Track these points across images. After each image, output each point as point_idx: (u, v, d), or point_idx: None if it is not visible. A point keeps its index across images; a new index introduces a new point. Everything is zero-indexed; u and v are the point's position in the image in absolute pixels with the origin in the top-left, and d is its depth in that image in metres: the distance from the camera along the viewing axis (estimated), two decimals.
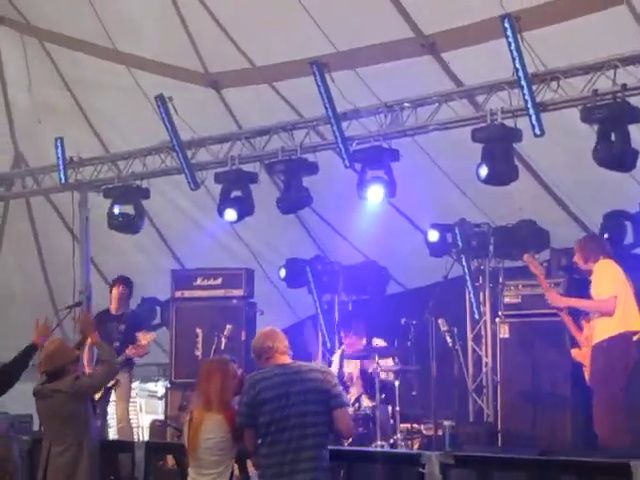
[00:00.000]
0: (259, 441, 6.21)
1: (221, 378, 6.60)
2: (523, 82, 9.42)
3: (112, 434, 11.62)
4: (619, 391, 8.30)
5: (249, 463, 6.70)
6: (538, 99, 9.57)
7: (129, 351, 10.98)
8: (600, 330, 8.50)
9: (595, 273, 8.72)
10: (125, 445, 9.12)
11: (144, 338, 11.21)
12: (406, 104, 10.80)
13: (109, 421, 11.66)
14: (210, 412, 6.55)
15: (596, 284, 8.63)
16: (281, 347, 6.34)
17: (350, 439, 6.59)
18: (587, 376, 8.84)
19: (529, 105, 9.48)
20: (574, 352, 8.97)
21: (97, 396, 11.08)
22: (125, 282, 11.93)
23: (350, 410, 6.42)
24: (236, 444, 6.50)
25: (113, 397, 11.36)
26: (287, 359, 6.35)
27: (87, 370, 11.40)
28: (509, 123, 10.03)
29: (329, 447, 6.28)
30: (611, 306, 8.43)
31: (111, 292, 11.89)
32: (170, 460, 8.81)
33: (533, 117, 9.48)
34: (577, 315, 9.16)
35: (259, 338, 6.47)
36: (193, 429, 6.58)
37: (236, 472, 6.61)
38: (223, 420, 6.49)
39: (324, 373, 6.28)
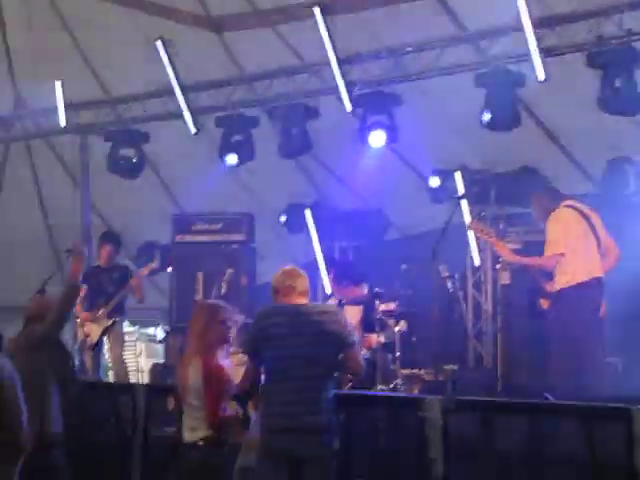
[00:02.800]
0: (263, 376, 6.22)
1: (204, 321, 6.58)
2: (527, 27, 9.34)
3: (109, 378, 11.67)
4: (576, 340, 8.20)
5: (250, 405, 6.69)
6: (542, 44, 9.49)
7: (132, 282, 11.11)
8: (557, 281, 8.40)
9: (547, 226, 8.58)
10: (125, 387, 9.16)
11: (145, 268, 11.34)
12: (409, 49, 10.72)
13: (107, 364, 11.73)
14: (196, 355, 6.54)
15: (547, 239, 8.47)
16: (300, 287, 6.27)
17: (358, 377, 6.56)
18: None
19: (533, 50, 9.41)
20: (542, 301, 8.85)
21: (92, 340, 11.19)
22: (111, 241, 11.87)
23: (359, 349, 6.38)
24: (211, 389, 6.45)
25: (107, 342, 11.42)
26: (304, 300, 6.30)
27: (82, 316, 11.42)
28: (512, 68, 9.97)
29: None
30: (553, 263, 8.29)
31: (99, 250, 11.85)
32: (171, 402, 8.84)
33: (537, 62, 9.41)
34: None
35: (280, 275, 6.38)
36: (182, 371, 6.60)
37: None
38: (200, 364, 6.48)
39: (336, 314, 6.26)
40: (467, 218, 11.60)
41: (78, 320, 11.46)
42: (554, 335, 8.39)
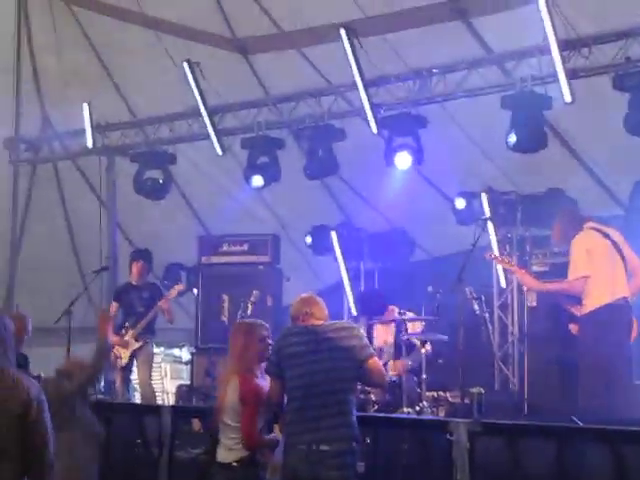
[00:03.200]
0: (286, 398, 6.21)
1: (244, 340, 6.58)
2: (553, 48, 9.33)
3: (137, 399, 11.70)
4: (606, 364, 8.13)
5: (276, 428, 6.68)
6: (569, 66, 9.48)
7: (161, 304, 11.17)
8: (583, 305, 8.35)
9: (570, 250, 8.53)
10: (151, 409, 9.17)
11: (173, 291, 11.38)
12: (435, 70, 10.74)
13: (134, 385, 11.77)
14: (234, 374, 6.54)
15: (570, 262, 8.42)
16: (317, 313, 6.33)
17: (383, 388, 6.55)
18: None
19: (559, 72, 9.39)
20: (571, 326, 8.79)
21: (122, 362, 11.24)
22: (143, 258, 11.94)
23: (379, 361, 6.36)
24: (248, 409, 6.44)
25: (136, 363, 11.46)
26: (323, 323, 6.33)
27: (112, 338, 11.45)
28: (539, 90, 9.95)
29: (356, 414, 6.26)
30: (579, 287, 8.21)
31: (130, 267, 11.92)
32: (197, 424, 8.85)
33: (563, 84, 9.39)
34: None
35: (298, 302, 6.45)
36: (221, 390, 6.60)
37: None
38: (238, 383, 6.48)
39: (351, 329, 6.25)
40: (493, 240, 11.57)
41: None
42: (583, 358, 8.34)
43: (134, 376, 11.64)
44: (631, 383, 8.39)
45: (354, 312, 13.01)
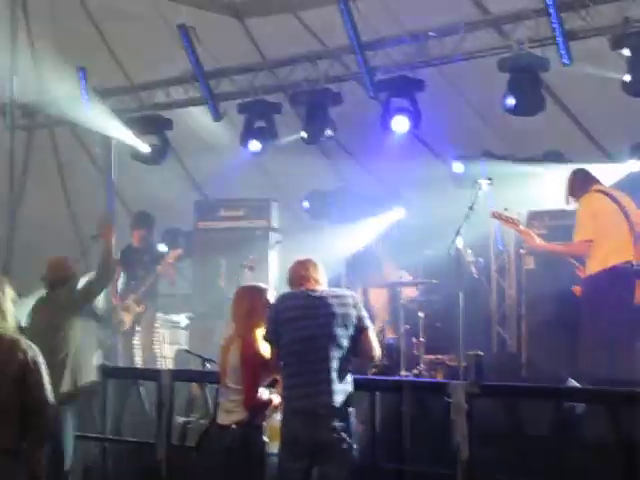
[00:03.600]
0: (282, 362, 6.22)
1: (248, 304, 6.58)
2: (551, 10, 9.27)
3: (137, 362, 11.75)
4: (607, 327, 8.15)
5: (273, 391, 6.68)
6: (566, 27, 9.42)
7: (159, 269, 11.20)
8: (587, 267, 8.36)
9: (577, 212, 8.52)
10: (151, 373, 9.22)
11: (170, 256, 11.41)
12: (432, 33, 10.67)
13: (135, 350, 11.81)
14: (238, 338, 6.55)
15: (576, 225, 8.42)
16: (315, 276, 6.32)
17: (374, 361, 6.58)
18: None
19: (557, 34, 9.34)
20: (575, 288, 8.80)
21: (125, 327, 11.30)
22: (144, 224, 11.95)
23: (374, 333, 6.36)
24: (249, 371, 6.46)
25: (138, 327, 11.53)
26: (320, 288, 6.32)
27: (114, 301, 11.54)
28: (536, 52, 9.90)
29: (354, 376, 6.28)
30: (583, 250, 8.24)
31: (132, 231, 11.95)
32: (195, 387, 8.88)
33: (561, 46, 9.35)
34: None
35: (295, 266, 6.44)
36: (222, 354, 6.61)
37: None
38: (240, 346, 6.49)
39: (350, 297, 6.24)
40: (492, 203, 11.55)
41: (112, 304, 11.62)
42: (584, 320, 8.36)
43: (136, 340, 11.72)
44: (634, 346, 8.39)
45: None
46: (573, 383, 6.85)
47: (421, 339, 10.21)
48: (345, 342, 6.09)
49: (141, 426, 8.63)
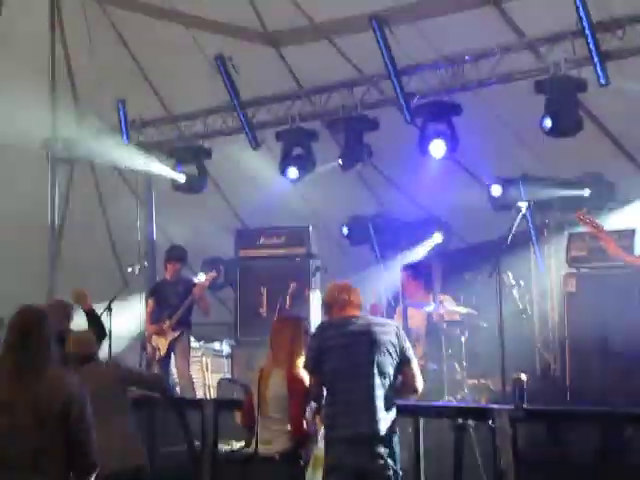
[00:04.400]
0: (325, 390, 6.20)
1: (291, 334, 6.60)
2: (587, 31, 9.26)
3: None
4: None
5: (317, 419, 6.68)
6: (603, 48, 9.39)
7: (195, 291, 11.23)
8: None
9: None
10: (194, 402, 9.24)
11: (206, 278, 11.46)
12: (467, 57, 10.68)
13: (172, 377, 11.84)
14: (278, 367, 6.55)
15: None
16: (355, 301, 6.30)
17: (417, 394, 6.53)
18: None
19: (593, 54, 9.32)
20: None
21: (162, 353, 11.33)
22: (177, 257, 11.98)
23: (417, 365, 6.31)
24: (296, 401, 6.45)
25: (173, 355, 11.55)
26: (359, 313, 6.30)
27: (149, 328, 11.57)
28: (573, 73, 9.88)
29: (398, 402, 6.25)
30: None
31: (166, 265, 12.01)
32: (239, 417, 8.89)
33: (598, 66, 9.32)
34: None
35: (333, 290, 6.41)
36: (261, 384, 6.60)
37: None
38: (283, 375, 6.48)
39: (394, 327, 6.21)
40: (531, 226, 11.51)
41: (146, 333, 11.64)
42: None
43: (173, 367, 11.74)
44: None
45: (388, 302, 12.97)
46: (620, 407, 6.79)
47: (464, 363, 10.15)
48: (389, 370, 6.06)
49: (182, 455, 8.63)
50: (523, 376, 6.57)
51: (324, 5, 11.69)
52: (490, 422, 6.50)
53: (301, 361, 6.44)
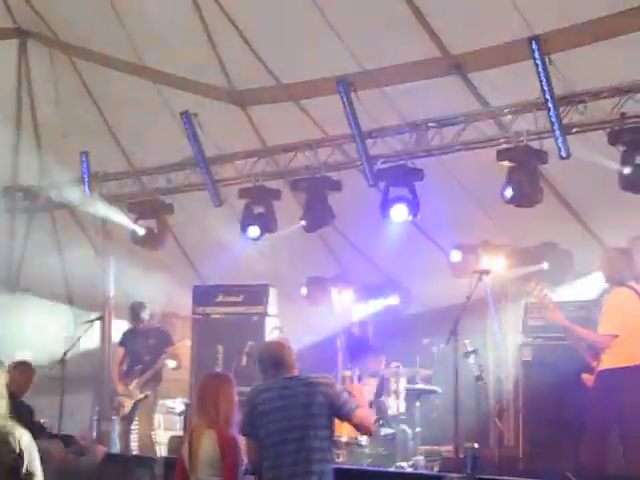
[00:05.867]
0: (261, 456, 6.12)
1: (224, 392, 6.51)
2: (550, 104, 9.39)
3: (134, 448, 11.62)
4: (607, 424, 8.06)
5: None
6: (565, 121, 9.53)
7: (169, 351, 11.13)
8: (603, 359, 8.29)
9: (605, 302, 8.46)
10: (144, 460, 9.12)
11: (179, 347, 11.38)
12: (432, 124, 10.79)
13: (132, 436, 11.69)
14: (209, 428, 6.45)
15: (602, 315, 8.37)
16: (289, 361, 6.26)
17: (371, 434, 6.42)
18: None
19: (555, 127, 9.44)
20: (585, 377, 8.73)
21: (125, 411, 11.19)
22: (141, 310, 11.87)
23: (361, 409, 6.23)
24: (230, 462, 6.37)
25: (137, 414, 11.41)
26: (294, 372, 6.26)
27: (118, 387, 11.41)
28: (535, 144, 10.00)
29: (349, 467, 6.20)
30: (605, 343, 8.16)
31: (132, 317, 11.91)
32: None
33: (559, 139, 9.44)
34: None
35: (267, 350, 6.41)
36: (193, 445, 6.49)
37: None
38: (215, 436, 6.40)
39: (326, 384, 6.13)
40: (490, 293, 11.56)
41: (114, 387, 11.52)
42: (591, 413, 8.27)
43: (134, 426, 11.60)
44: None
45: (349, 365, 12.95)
46: (571, 478, 6.77)
47: (417, 429, 10.12)
48: (325, 432, 6.01)
49: None
50: (475, 445, 6.54)
51: (291, 67, 11.78)
52: None
53: (232, 420, 6.36)
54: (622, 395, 8.04)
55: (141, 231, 13.21)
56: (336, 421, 6.16)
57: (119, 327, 12.93)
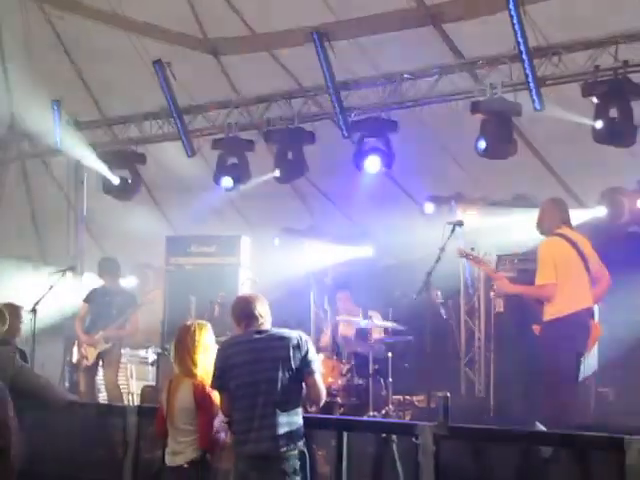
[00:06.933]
0: (234, 406, 6.17)
1: (192, 343, 6.53)
2: (524, 56, 9.39)
3: (102, 399, 11.60)
4: (563, 372, 8.15)
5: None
6: (539, 73, 9.54)
7: (132, 317, 11.08)
8: (545, 311, 8.35)
9: (538, 255, 8.50)
10: (117, 409, 9.12)
11: (151, 295, 11.33)
12: (406, 75, 10.76)
13: (99, 386, 11.67)
14: (186, 378, 6.48)
15: (538, 268, 8.42)
16: (262, 314, 6.26)
17: (319, 406, 6.46)
18: None
19: (529, 79, 9.45)
20: (535, 328, 8.78)
21: (89, 362, 11.14)
22: (113, 270, 11.75)
23: (321, 377, 6.27)
24: (205, 412, 6.42)
25: (102, 364, 11.36)
26: (266, 326, 6.27)
27: (82, 337, 11.35)
28: (509, 97, 10.01)
29: (321, 415, 6.24)
30: (548, 293, 8.19)
31: (101, 274, 11.79)
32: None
33: (533, 91, 9.46)
34: None
35: (239, 303, 6.39)
36: (170, 395, 6.52)
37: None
38: (192, 387, 6.44)
39: (296, 339, 6.12)
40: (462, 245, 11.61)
41: (77, 340, 11.43)
42: (542, 365, 8.36)
43: (99, 377, 11.56)
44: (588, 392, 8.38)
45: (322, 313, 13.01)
46: (540, 427, 6.86)
47: (389, 379, 10.19)
48: (291, 386, 6.02)
49: (109, 464, 8.51)
50: (447, 394, 6.60)
51: (266, 17, 11.71)
52: (413, 438, 6.51)
53: (207, 371, 6.39)
54: (559, 347, 8.12)
55: (116, 180, 13.08)
56: None
57: (90, 279, 12.85)
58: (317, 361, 6.20)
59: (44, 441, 7.92)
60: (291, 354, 6.03)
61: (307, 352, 6.10)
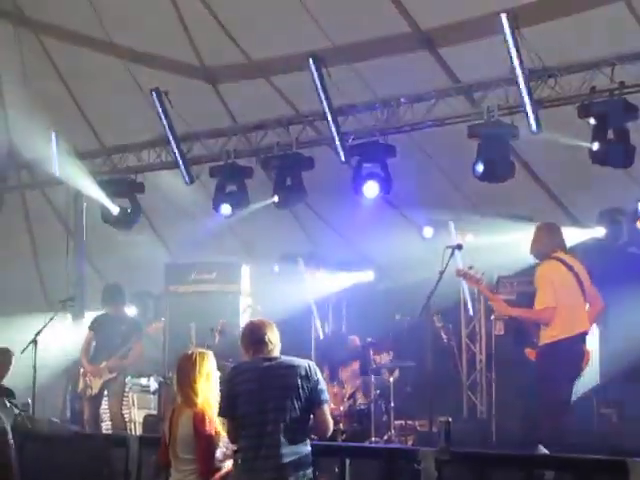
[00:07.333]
0: (241, 435, 6.13)
1: (193, 373, 6.51)
2: (520, 79, 9.40)
3: (105, 429, 11.57)
4: (560, 395, 8.14)
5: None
6: (535, 96, 9.55)
7: (136, 346, 11.04)
8: (542, 335, 8.34)
9: (536, 279, 8.50)
10: (119, 439, 9.10)
11: (153, 327, 11.30)
12: (403, 100, 10.78)
13: (102, 416, 11.63)
14: (188, 407, 6.46)
15: (537, 291, 8.42)
16: (272, 340, 6.23)
17: (326, 437, 6.42)
18: None
19: (526, 102, 9.46)
20: (528, 351, 8.78)
21: (93, 392, 11.12)
22: (118, 298, 11.70)
23: (328, 408, 6.23)
24: (204, 442, 6.40)
25: (107, 393, 11.33)
26: (276, 353, 6.24)
27: (87, 367, 11.31)
28: (506, 120, 10.02)
29: (325, 443, 6.22)
30: (547, 317, 8.19)
31: (107, 303, 11.75)
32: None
33: (530, 114, 9.46)
34: None
35: (250, 328, 6.37)
36: (172, 424, 6.51)
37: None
38: (192, 417, 6.42)
39: (307, 369, 6.10)
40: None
41: (82, 370, 11.39)
42: (537, 389, 8.36)
43: (104, 407, 11.53)
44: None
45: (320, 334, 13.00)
46: (543, 450, 6.83)
47: (391, 404, 10.16)
48: (298, 415, 5.98)
49: None
50: (449, 418, 6.58)
51: (261, 43, 11.74)
52: (415, 464, 6.49)
53: (212, 399, 6.37)
54: (555, 371, 8.10)
55: (115, 210, 13.06)
56: None
57: (91, 309, 12.83)
58: (326, 391, 6.17)
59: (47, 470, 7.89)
60: (299, 383, 6.00)
61: (317, 382, 6.07)
